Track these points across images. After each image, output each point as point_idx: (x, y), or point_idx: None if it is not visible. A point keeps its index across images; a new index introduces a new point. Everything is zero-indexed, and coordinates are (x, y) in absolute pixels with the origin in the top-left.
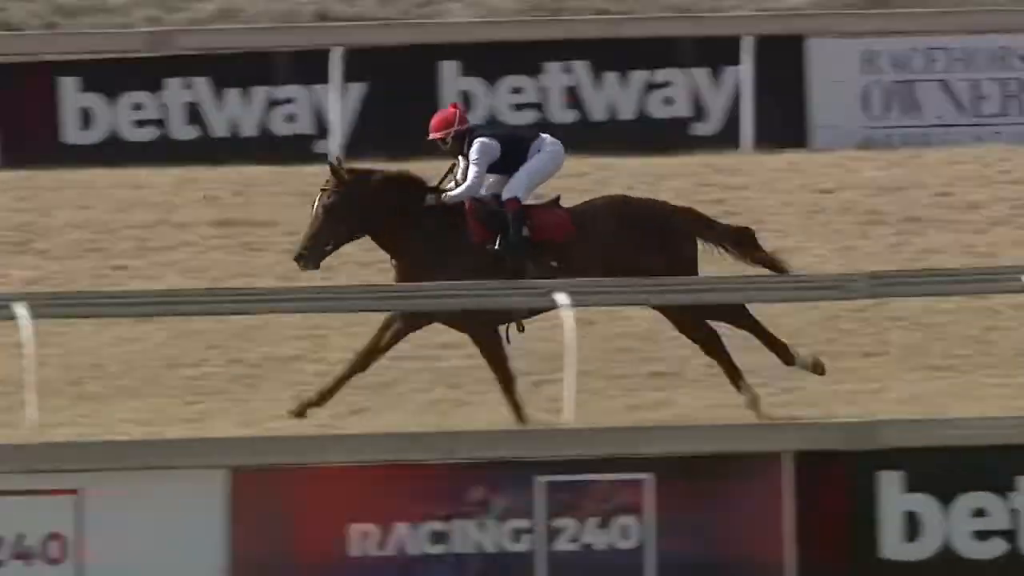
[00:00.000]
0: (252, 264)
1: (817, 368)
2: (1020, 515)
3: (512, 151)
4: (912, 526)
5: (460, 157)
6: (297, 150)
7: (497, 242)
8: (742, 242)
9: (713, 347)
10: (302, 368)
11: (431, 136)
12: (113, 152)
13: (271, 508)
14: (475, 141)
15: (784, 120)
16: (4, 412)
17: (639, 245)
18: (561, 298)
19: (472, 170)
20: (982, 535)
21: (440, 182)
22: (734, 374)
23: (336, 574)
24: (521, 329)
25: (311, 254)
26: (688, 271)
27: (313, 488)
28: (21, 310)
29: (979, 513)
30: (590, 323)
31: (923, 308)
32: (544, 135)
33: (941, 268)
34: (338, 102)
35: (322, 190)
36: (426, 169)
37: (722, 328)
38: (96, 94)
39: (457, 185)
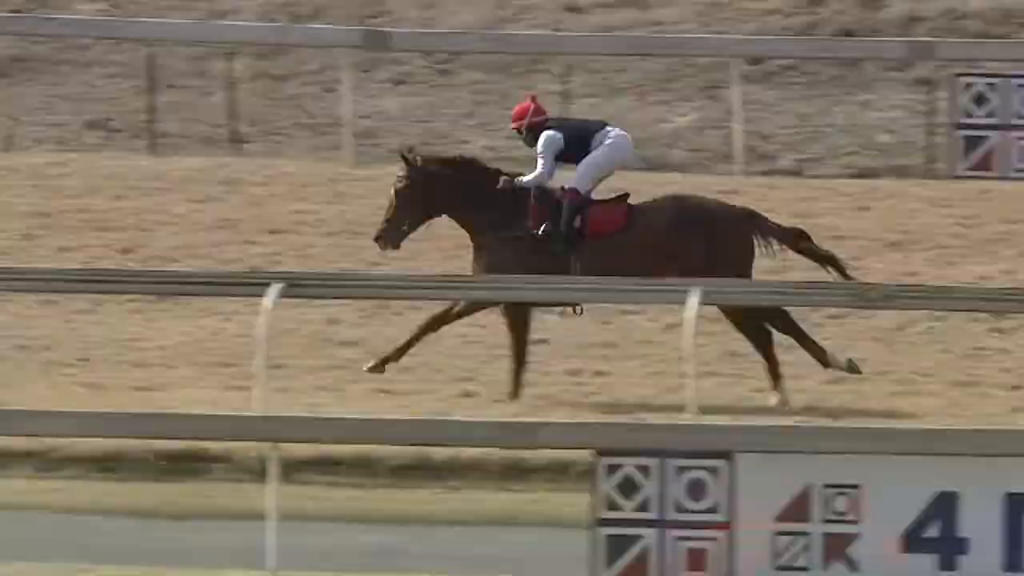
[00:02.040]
0: None
1: (852, 369)
2: None
3: (576, 142)
4: None
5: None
6: None
7: (542, 228)
8: (798, 239)
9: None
10: None
11: (511, 126)
12: None
13: None
14: (542, 134)
15: None
16: None
17: (685, 241)
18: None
19: (539, 161)
20: None
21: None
22: (774, 371)
23: None
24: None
25: (388, 235)
26: (733, 267)
27: None
28: None
29: None
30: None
31: None
32: (610, 127)
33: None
34: None
35: (397, 176)
36: None
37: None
38: None
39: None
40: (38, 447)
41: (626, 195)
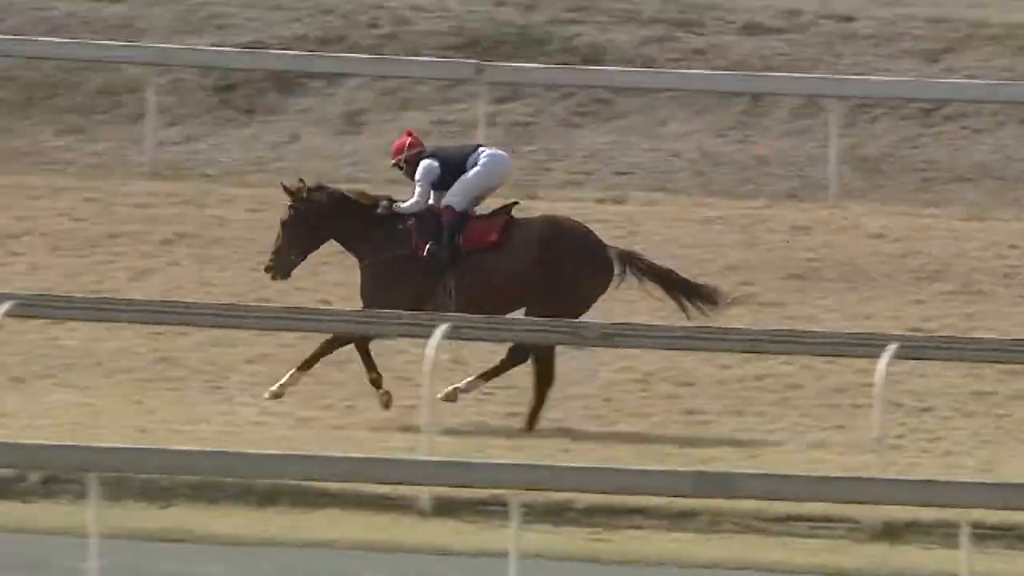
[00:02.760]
0: None
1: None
2: None
3: (452, 168)
4: None
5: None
6: None
7: (426, 249)
8: (669, 281)
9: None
10: None
11: (391, 161)
12: None
13: None
14: (419, 163)
15: None
16: None
17: (550, 264)
18: None
19: (416, 189)
20: None
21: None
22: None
23: None
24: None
25: (278, 266)
26: (580, 297)
27: None
28: None
29: None
30: None
31: None
32: (484, 148)
33: None
34: None
35: (286, 207)
36: None
37: None
38: None
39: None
40: None
41: (510, 206)
